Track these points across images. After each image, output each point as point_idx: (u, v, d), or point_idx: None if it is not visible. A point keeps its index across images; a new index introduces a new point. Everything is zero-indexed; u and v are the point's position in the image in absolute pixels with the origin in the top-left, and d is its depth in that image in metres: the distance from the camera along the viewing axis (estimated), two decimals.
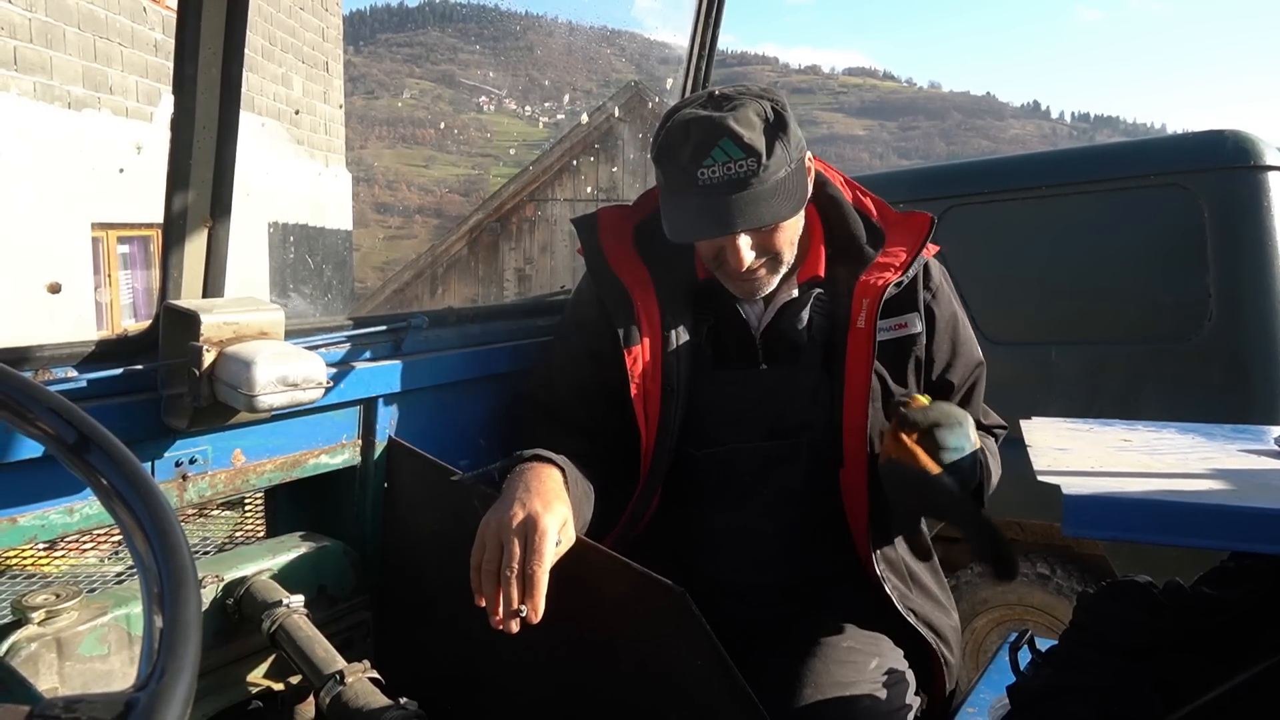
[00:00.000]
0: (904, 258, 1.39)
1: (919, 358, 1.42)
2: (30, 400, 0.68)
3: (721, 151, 1.23)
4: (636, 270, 1.43)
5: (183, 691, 0.55)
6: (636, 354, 1.37)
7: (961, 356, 1.46)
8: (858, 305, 1.37)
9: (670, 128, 1.29)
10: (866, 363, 1.35)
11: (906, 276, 1.38)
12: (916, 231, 1.42)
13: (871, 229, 1.44)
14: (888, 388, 1.39)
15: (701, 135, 1.25)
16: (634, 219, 1.50)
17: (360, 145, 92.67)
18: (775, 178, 1.26)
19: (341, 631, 1.28)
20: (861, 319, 1.36)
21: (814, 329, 1.41)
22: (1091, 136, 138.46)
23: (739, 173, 1.23)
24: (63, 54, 7.29)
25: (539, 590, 1.07)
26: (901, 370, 1.41)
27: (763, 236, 1.31)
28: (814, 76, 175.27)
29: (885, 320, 1.38)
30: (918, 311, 1.41)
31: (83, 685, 1.00)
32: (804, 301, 1.41)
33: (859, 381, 1.36)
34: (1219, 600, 1.20)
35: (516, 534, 1.09)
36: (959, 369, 1.46)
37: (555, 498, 1.15)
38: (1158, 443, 1.32)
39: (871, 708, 1.27)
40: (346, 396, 1.32)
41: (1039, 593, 3.10)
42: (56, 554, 3.53)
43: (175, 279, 1.16)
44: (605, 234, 1.47)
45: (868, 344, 1.35)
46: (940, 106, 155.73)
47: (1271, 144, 2.77)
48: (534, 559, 1.07)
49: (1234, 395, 2.67)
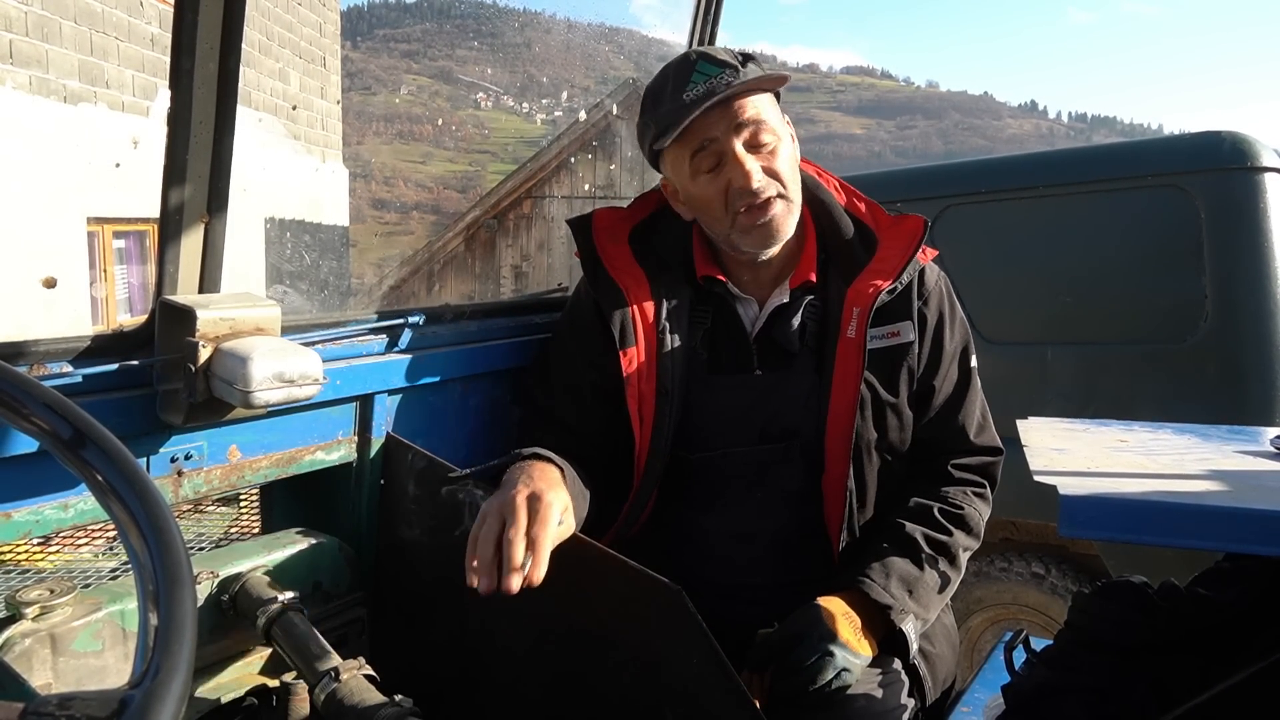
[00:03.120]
0: (896, 264, 1.38)
1: (911, 367, 1.41)
2: (25, 395, 0.67)
3: (700, 74, 1.32)
4: (632, 272, 1.43)
5: (177, 689, 0.55)
6: (632, 356, 1.38)
7: (944, 367, 1.44)
8: (848, 313, 1.37)
9: (649, 84, 1.40)
10: (856, 372, 1.35)
11: (900, 283, 1.38)
12: (909, 236, 1.41)
13: (864, 233, 1.44)
14: (879, 397, 1.38)
15: (677, 68, 1.35)
16: (631, 221, 1.50)
17: (357, 141, 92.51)
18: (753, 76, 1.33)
19: (337, 628, 1.28)
20: (852, 328, 1.36)
21: (807, 335, 1.41)
22: (1089, 136, 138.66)
23: (721, 79, 1.32)
24: (59, 48, 7.26)
25: (541, 552, 1.06)
26: (893, 379, 1.40)
27: (763, 162, 1.33)
28: (812, 75, 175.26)
29: (878, 328, 1.37)
30: (911, 319, 1.40)
31: (77, 681, 1.00)
32: (796, 307, 1.41)
33: (847, 391, 1.35)
34: (1214, 601, 1.21)
35: (520, 507, 1.09)
36: (941, 380, 1.43)
37: (556, 486, 1.16)
38: (1154, 443, 1.32)
39: (866, 708, 1.27)
40: (343, 393, 1.31)
41: (1034, 593, 3.11)
42: (50, 549, 3.52)
43: (171, 274, 1.15)
44: (601, 235, 1.48)
45: (858, 353, 1.35)
46: (938, 106, 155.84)
47: (1269, 146, 2.77)
48: (538, 524, 1.07)
49: (1229, 396, 2.68)
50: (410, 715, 1.01)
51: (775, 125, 1.35)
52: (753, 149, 1.33)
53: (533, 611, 1.23)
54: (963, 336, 1.48)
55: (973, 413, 1.47)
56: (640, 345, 1.39)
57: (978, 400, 1.49)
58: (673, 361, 1.39)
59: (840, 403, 1.36)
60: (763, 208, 1.33)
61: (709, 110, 1.30)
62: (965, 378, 1.46)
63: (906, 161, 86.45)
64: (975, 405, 1.48)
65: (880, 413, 1.39)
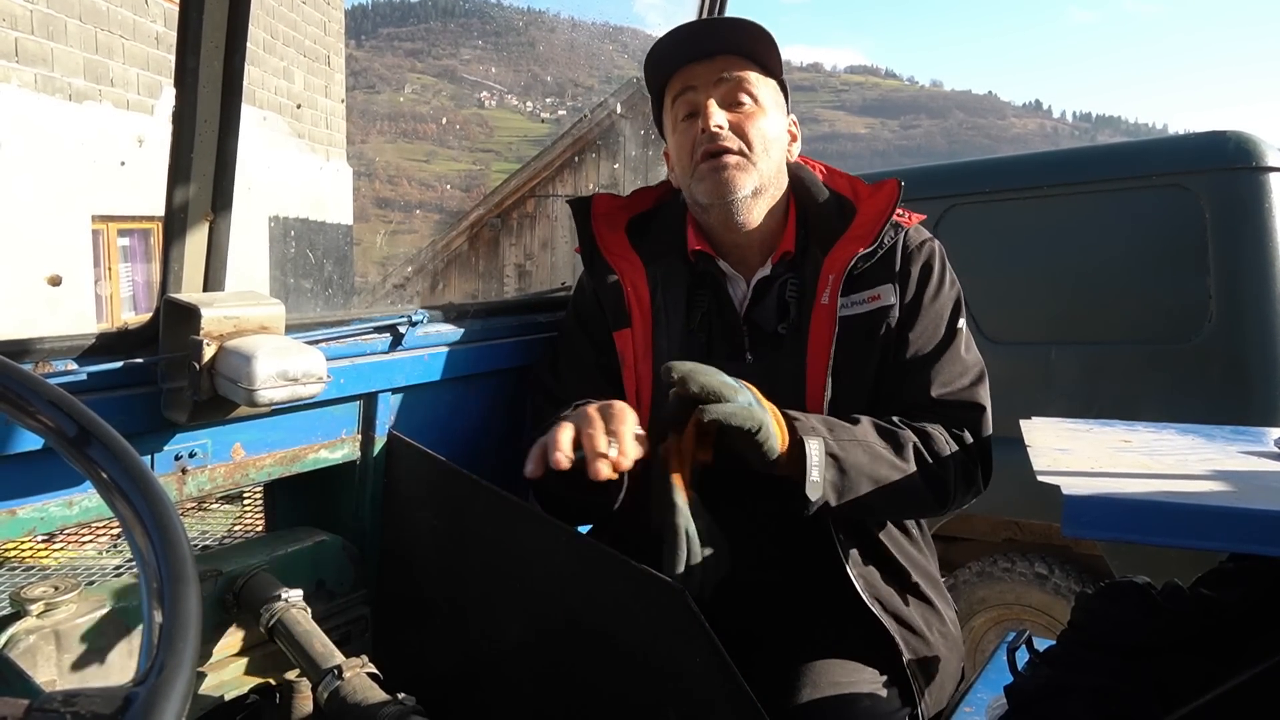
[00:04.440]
0: (873, 228, 1.37)
1: (889, 325, 1.36)
2: (31, 393, 0.68)
3: (705, 35, 1.41)
4: (628, 256, 1.46)
5: (182, 687, 0.55)
6: (628, 337, 1.40)
7: (923, 322, 1.36)
8: (824, 281, 1.35)
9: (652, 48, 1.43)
10: (828, 339, 1.33)
11: (880, 246, 1.36)
12: (886, 199, 1.39)
13: (842, 203, 1.44)
14: (857, 363, 1.34)
15: (685, 31, 1.40)
16: (630, 210, 1.53)
17: (361, 140, 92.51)
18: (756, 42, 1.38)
19: (340, 626, 1.28)
20: (826, 295, 1.35)
21: (790, 314, 1.40)
22: (1093, 136, 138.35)
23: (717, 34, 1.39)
24: (64, 46, 7.28)
25: (626, 441, 1.09)
26: (870, 344, 1.35)
27: (734, 119, 1.37)
28: (816, 74, 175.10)
29: (858, 294, 1.36)
30: (892, 282, 1.37)
31: (81, 678, 1.00)
32: (777, 278, 1.41)
33: (819, 358, 1.33)
34: (1217, 602, 1.20)
35: (594, 413, 1.13)
36: (919, 335, 1.36)
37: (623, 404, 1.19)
38: (1157, 444, 1.32)
39: (871, 708, 1.27)
40: (346, 391, 1.32)
41: (1037, 593, 3.10)
42: (55, 546, 3.53)
43: (176, 272, 1.16)
44: (599, 221, 1.50)
45: (830, 320, 1.33)
46: (942, 105, 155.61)
47: (1273, 145, 2.76)
48: (617, 421, 1.11)
49: (1233, 396, 2.67)
50: (413, 713, 1.02)
51: (759, 94, 1.39)
52: (727, 106, 1.37)
53: (535, 610, 1.23)
54: (951, 296, 1.41)
55: (953, 369, 1.37)
56: (637, 327, 1.40)
57: (960, 359, 1.38)
58: (669, 343, 1.39)
59: (816, 371, 1.34)
60: (718, 156, 1.36)
61: (695, 60, 1.38)
62: (950, 335, 1.39)
63: (911, 161, 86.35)
64: (956, 364, 1.38)
65: (861, 380, 1.35)
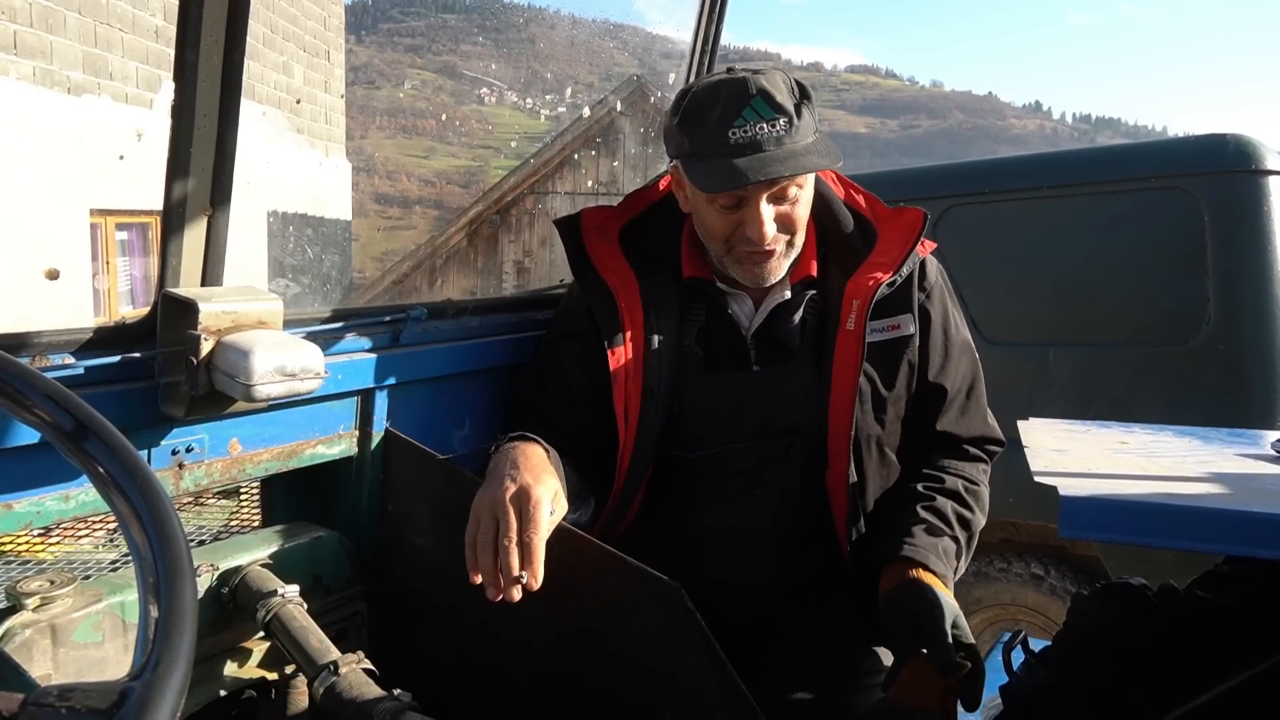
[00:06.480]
0: (896, 256, 1.38)
1: (911, 361, 1.40)
2: (28, 387, 0.68)
3: (753, 111, 1.24)
4: (621, 271, 1.43)
5: (177, 682, 0.55)
6: (619, 355, 1.38)
7: (954, 360, 1.44)
8: (848, 306, 1.36)
9: (696, 91, 1.30)
10: (855, 365, 1.34)
11: (899, 276, 1.37)
12: (908, 229, 1.40)
13: (864, 226, 1.44)
14: (878, 390, 1.38)
15: (731, 95, 1.25)
16: (621, 218, 1.50)
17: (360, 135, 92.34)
18: (805, 140, 1.26)
19: (336, 622, 1.28)
20: (851, 320, 1.35)
21: (807, 330, 1.40)
22: (1093, 138, 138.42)
23: (772, 132, 1.24)
24: (63, 39, 7.26)
25: (537, 557, 1.08)
26: (893, 373, 1.39)
27: (783, 211, 1.31)
28: (816, 74, 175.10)
29: (877, 321, 1.37)
30: (911, 312, 1.40)
31: (76, 672, 1.00)
32: (797, 304, 1.40)
33: (846, 384, 1.35)
34: (1213, 604, 1.21)
35: (511, 505, 1.10)
36: (952, 373, 1.44)
37: (543, 470, 1.17)
38: (1155, 445, 1.32)
39: (865, 705, 1.27)
40: (344, 387, 1.31)
41: (1032, 593, 3.11)
42: (51, 540, 3.53)
43: (174, 266, 1.15)
44: (590, 234, 1.47)
45: (857, 346, 1.34)
46: (942, 105, 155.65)
47: (1272, 148, 2.77)
48: (530, 528, 1.09)
49: (1231, 399, 2.67)
50: (409, 709, 1.02)
51: (807, 178, 1.33)
52: (776, 200, 1.30)
53: (532, 608, 1.23)
54: (965, 328, 1.49)
55: (982, 402, 1.49)
56: (627, 345, 1.38)
57: (983, 388, 1.50)
58: (660, 361, 1.38)
59: (840, 397, 1.35)
60: (764, 255, 1.32)
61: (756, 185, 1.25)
62: (971, 367, 1.47)
63: (910, 161, 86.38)
64: (984, 394, 1.50)
65: (880, 406, 1.38)
